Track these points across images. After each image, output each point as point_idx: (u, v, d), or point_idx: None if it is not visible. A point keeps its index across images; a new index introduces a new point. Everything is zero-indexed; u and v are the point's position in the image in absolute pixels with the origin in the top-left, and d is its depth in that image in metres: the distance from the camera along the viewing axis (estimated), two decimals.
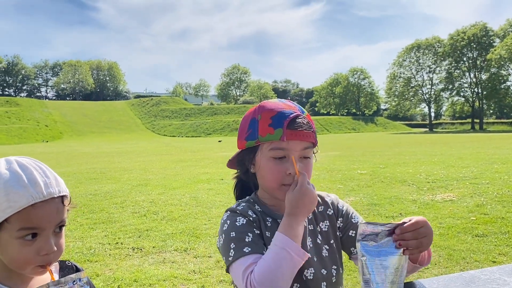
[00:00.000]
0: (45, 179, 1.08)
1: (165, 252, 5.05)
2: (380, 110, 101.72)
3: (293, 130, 1.31)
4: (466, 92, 71.23)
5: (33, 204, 1.04)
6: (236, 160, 1.48)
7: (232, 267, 1.26)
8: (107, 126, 65.75)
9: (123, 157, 20.50)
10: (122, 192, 9.29)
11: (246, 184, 1.52)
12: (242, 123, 1.45)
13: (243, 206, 1.40)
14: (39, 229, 1.06)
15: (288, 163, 1.33)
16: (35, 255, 1.05)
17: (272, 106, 1.37)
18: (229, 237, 1.30)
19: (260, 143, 1.35)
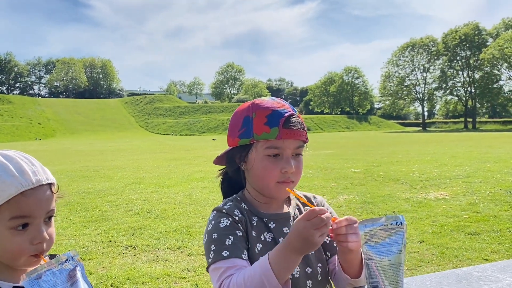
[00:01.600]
0: (32, 167, 1.08)
1: (158, 250, 5.03)
2: (374, 109, 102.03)
3: (288, 129, 1.33)
4: (459, 91, 71.63)
5: (23, 192, 1.03)
6: (226, 157, 1.47)
7: (210, 269, 1.28)
8: (100, 124, 65.47)
9: (117, 155, 20.42)
10: (116, 190, 9.25)
11: (234, 180, 1.51)
12: (233, 120, 1.45)
13: (229, 206, 1.40)
14: (30, 218, 1.05)
15: (282, 161, 1.34)
16: (29, 245, 1.05)
17: (266, 105, 1.38)
18: (211, 238, 1.32)
19: (255, 141, 1.35)
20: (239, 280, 1.18)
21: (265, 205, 1.43)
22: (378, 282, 1.05)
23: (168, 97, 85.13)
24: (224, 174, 1.55)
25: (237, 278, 1.19)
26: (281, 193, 1.41)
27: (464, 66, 68.81)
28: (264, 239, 1.36)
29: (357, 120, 73.94)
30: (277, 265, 1.14)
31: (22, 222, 1.04)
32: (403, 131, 59.04)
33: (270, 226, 1.39)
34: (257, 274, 1.16)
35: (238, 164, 1.43)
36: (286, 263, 1.15)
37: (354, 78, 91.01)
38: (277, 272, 1.14)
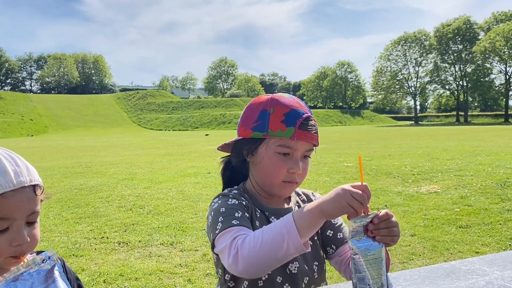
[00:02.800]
0: (15, 168, 1.05)
1: (151, 246, 5.03)
2: (367, 103, 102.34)
3: (303, 131, 1.32)
4: (451, 85, 72.02)
5: (2, 194, 1.01)
6: (233, 146, 1.46)
7: (218, 237, 1.24)
8: (92, 120, 65.15)
9: (109, 151, 20.34)
10: (108, 186, 9.22)
11: (236, 170, 1.50)
12: (248, 111, 1.42)
13: (235, 193, 1.40)
14: (10, 220, 1.03)
15: (291, 161, 1.33)
16: (8, 246, 1.03)
17: (286, 102, 1.36)
18: (219, 212, 1.29)
19: (268, 136, 1.34)
20: (257, 233, 1.15)
21: (267, 200, 1.43)
22: (365, 276, 1.06)
23: (160, 92, 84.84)
24: (226, 163, 1.53)
25: (254, 233, 1.16)
26: (284, 192, 1.41)
27: (456, 60, 69.17)
28: None
29: (350, 114, 74.13)
30: (300, 220, 1.13)
31: (1, 225, 1.01)
32: (395, 125, 59.30)
33: (271, 221, 1.39)
34: (278, 228, 1.14)
35: (245, 156, 1.42)
36: (310, 218, 1.13)
37: (347, 73, 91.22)
38: (299, 227, 1.12)
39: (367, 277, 1.05)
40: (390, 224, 1.11)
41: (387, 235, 1.10)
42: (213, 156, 15.20)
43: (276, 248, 1.12)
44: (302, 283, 1.36)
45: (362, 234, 1.08)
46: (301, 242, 1.11)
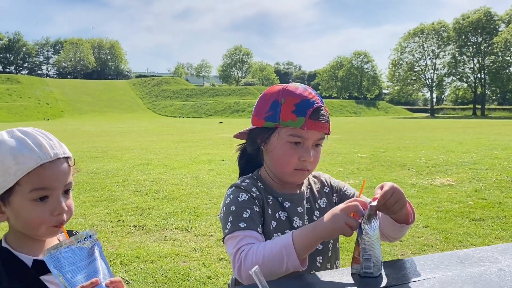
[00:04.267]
0: (49, 142, 1.14)
1: (166, 230, 5.13)
2: (382, 94, 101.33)
3: (314, 121, 1.36)
4: (468, 77, 70.90)
5: (42, 165, 1.09)
6: (248, 135, 1.51)
7: (226, 238, 1.34)
8: (108, 105, 65.65)
9: (124, 136, 20.55)
10: (124, 171, 9.36)
11: (252, 157, 1.56)
12: (261, 101, 1.47)
13: (247, 183, 1.45)
14: (49, 190, 1.11)
15: (302, 150, 1.38)
16: (49, 216, 1.11)
17: (297, 92, 1.40)
18: (229, 210, 1.37)
19: (279, 126, 1.38)
20: (259, 249, 1.23)
21: (280, 186, 1.48)
22: (371, 255, 1.16)
23: (175, 80, 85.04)
24: (243, 150, 1.59)
25: (257, 247, 1.24)
26: (296, 179, 1.46)
27: (475, 53, 67.99)
28: (278, 217, 1.42)
29: (365, 105, 73.54)
30: (299, 242, 1.21)
31: (41, 194, 1.10)
32: (411, 117, 58.72)
33: (285, 206, 1.45)
34: (278, 246, 1.22)
35: (259, 145, 1.47)
36: (308, 242, 1.21)
37: (363, 63, 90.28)
38: (298, 249, 1.20)
39: (373, 255, 1.16)
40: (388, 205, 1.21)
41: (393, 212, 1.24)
42: (227, 144, 15.28)
43: (275, 266, 1.21)
44: (317, 262, 1.42)
45: (371, 217, 1.19)
46: (299, 264, 1.21)
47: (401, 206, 1.24)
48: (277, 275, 1.22)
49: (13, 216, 1.13)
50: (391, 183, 1.23)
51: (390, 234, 1.42)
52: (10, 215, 1.13)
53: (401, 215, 1.32)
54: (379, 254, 1.18)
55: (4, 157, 1.08)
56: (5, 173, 1.08)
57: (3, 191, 1.10)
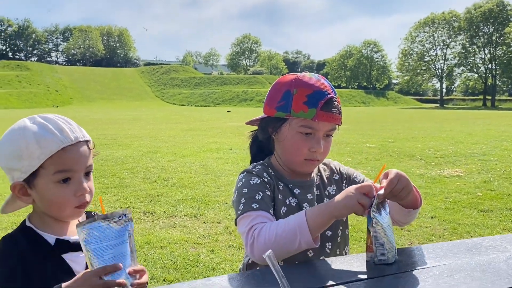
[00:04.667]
0: (69, 126, 1.20)
1: (175, 217, 5.19)
2: (391, 84, 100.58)
3: (325, 112, 1.36)
4: (479, 68, 70.11)
5: (63, 148, 1.15)
6: (259, 123, 1.53)
7: (239, 219, 1.36)
8: (116, 93, 65.82)
9: (133, 124, 20.64)
10: (133, 158, 9.43)
11: (263, 144, 1.58)
12: (273, 90, 1.47)
13: (259, 169, 1.48)
14: (71, 172, 1.17)
15: (313, 141, 1.39)
16: (72, 197, 1.17)
17: (309, 83, 1.40)
18: (242, 193, 1.39)
19: (291, 117, 1.39)
20: (272, 227, 1.25)
21: (291, 173, 1.50)
22: (383, 242, 1.18)
23: (184, 68, 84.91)
24: (254, 137, 1.61)
25: (270, 225, 1.27)
26: (306, 169, 1.48)
27: (486, 43, 67.13)
28: (289, 203, 1.44)
29: (374, 95, 73.03)
30: (312, 220, 1.23)
31: (64, 176, 1.15)
32: (420, 108, 58.31)
33: (295, 192, 1.47)
34: (291, 224, 1.24)
35: (270, 134, 1.49)
36: (321, 220, 1.23)
37: (373, 52, 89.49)
38: (311, 226, 1.22)
39: (386, 243, 1.18)
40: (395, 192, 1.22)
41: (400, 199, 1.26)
42: (235, 132, 15.31)
43: (288, 243, 1.23)
44: (326, 249, 1.44)
45: (379, 206, 1.20)
46: (313, 241, 1.23)
47: (408, 192, 1.26)
48: (290, 252, 1.24)
49: (38, 198, 1.18)
50: (395, 170, 1.25)
51: (399, 219, 1.44)
52: (36, 197, 1.19)
53: (409, 201, 1.33)
54: (392, 241, 1.19)
55: (28, 142, 1.14)
56: (29, 157, 1.13)
57: (28, 174, 1.15)
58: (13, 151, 1.16)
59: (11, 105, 46.60)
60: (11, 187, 1.18)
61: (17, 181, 1.17)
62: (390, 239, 1.19)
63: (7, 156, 1.17)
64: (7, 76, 58.90)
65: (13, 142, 1.17)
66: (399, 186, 1.22)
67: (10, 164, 1.17)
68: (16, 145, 1.15)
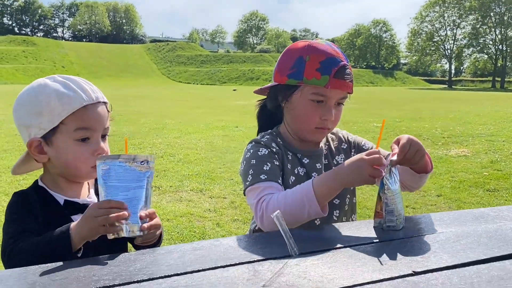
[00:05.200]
0: (90, 86, 1.21)
1: (181, 192, 5.23)
2: (400, 64, 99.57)
3: (338, 80, 1.34)
4: (489, 49, 69.10)
5: (85, 106, 1.16)
6: (269, 91, 1.51)
7: (248, 190, 1.36)
8: (123, 70, 65.67)
9: (139, 101, 20.64)
10: (140, 134, 9.47)
11: (272, 113, 1.55)
12: (285, 57, 1.44)
13: (267, 138, 1.47)
14: (91, 130, 1.18)
15: (324, 109, 1.37)
16: (90, 156, 1.18)
17: (322, 49, 1.37)
18: (250, 164, 1.38)
19: (303, 84, 1.37)
20: (280, 197, 1.25)
21: (299, 143, 1.49)
22: (393, 209, 1.18)
23: (190, 45, 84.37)
24: (262, 106, 1.58)
25: (278, 195, 1.26)
26: (316, 138, 1.47)
27: (497, 23, 66.00)
28: (297, 173, 1.44)
29: (382, 75, 72.34)
30: (320, 189, 1.22)
31: (84, 135, 1.17)
32: (428, 88, 57.78)
33: (304, 162, 1.46)
34: (299, 194, 1.23)
35: (280, 102, 1.46)
36: (328, 189, 1.22)
37: (382, 32, 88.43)
38: (319, 196, 1.21)
39: (395, 209, 1.18)
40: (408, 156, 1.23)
41: (413, 163, 1.26)
42: (241, 111, 15.28)
43: (297, 213, 1.23)
44: (333, 216, 1.45)
45: (391, 172, 1.20)
46: (320, 210, 1.22)
47: (421, 156, 1.26)
48: (299, 222, 1.25)
49: (55, 156, 1.19)
50: (407, 135, 1.25)
51: (410, 184, 1.44)
52: (52, 155, 1.19)
53: (421, 165, 1.33)
54: (401, 208, 1.19)
55: (49, 98, 1.15)
56: (50, 113, 1.14)
57: (48, 130, 1.16)
58: (33, 107, 1.16)
59: (17, 80, 46.65)
60: (28, 143, 1.18)
61: (35, 137, 1.17)
62: (399, 206, 1.19)
63: (26, 112, 1.18)
64: (13, 51, 58.85)
65: (33, 98, 1.17)
66: (412, 150, 1.22)
67: (29, 120, 1.17)
68: (36, 102, 1.16)
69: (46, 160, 1.21)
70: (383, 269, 0.92)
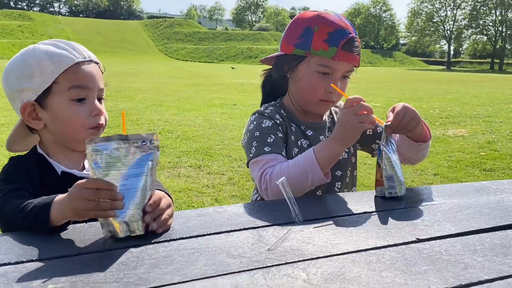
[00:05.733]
0: (81, 47, 1.18)
1: (180, 168, 5.23)
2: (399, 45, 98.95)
3: (346, 52, 1.33)
4: (489, 30, 68.67)
5: (78, 63, 1.12)
6: (275, 61, 1.49)
7: (251, 162, 1.35)
8: (120, 46, 65.05)
9: (136, 77, 20.49)
10: (137, 111, 9.43)
11: (277, 84, 1.53)
12: (292, 26, 1.42)
13: (270, 110, 1.45)
14: (86, 89, 1.13)
15: (330, 81, 1.35)
16: (87, 117, 1.13)
17: (331, 20, 1.35)
18: (253, 136, 1.37)
19: (310, 55, 1.35)
20: (282, 168, 1.25)
21: (303, 115, 1.48)
22: (393, 175, 1.19)
23: (188, 22, 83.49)
24: (267, 76, 1.56)
25: (280, 166, 1.26)
26: (320, 110, 1.46)
27: (498, 4, 65.42)
28: (300, 145, 1.43)
29: (381, 55, 72.01)
30: (321, 155, 1.22)
31: (79, 94, 1.12)
32: (426, 69, 57.59)
33: (307, 134, 1.45)
34: (301, 163, 1.24)
35: (285, 72, 1.44)
36: (329, 153, 1.22)
37: (382, 11, 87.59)
38: (321, 162, 1.21)
39: (395, 176, 1.19)
40: (403, 124, 1.23)
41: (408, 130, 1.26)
42: (239, 89, 15.21)
43: (300, 182, 1.23)
44: (335, 188, 1.45)
45: (387, 139, 1.22)
46: (324, 177, 1.22)
47: (416, 123, 1.26)
48: (303, 190, 1.25)
49: (51, 120, 1.13)
50: (402, 103, 1.26)
51: (410, 155, 1.43)
52: (48, 120, 1.14)
53: (418, 133, 1.33)
54: (400, 174, 1.20)
55: (40, 58, 1.11)
56: (42, 73, 1.10)
57: (41, 92, 1.11)
58: (24, 70, 1.12)
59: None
60: (21, 108, 1.12)
61: (28, 100, 1.12)
62: (399, 173, 1.20)
63: (16, 77, 1.13)
64: (9, 26, 58.09)
65: (22, 63, 1.14)
66: (406, 117, 1.23)
67: (20, 85, 1.12)
68: (26, 65, 1.12)
69: (41, 126, 1.15)
70: (387, 236, 0.93)
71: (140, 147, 0.90)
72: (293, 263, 0.79)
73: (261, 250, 0.84)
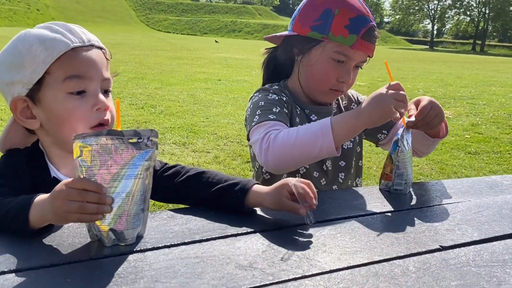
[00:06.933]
0: (80, 29, 1.00)
1: (164, 144, 5.10)
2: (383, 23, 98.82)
3: (365, 41, 1.24)
4: (472, 11, 69.00)
5: (74, 49, 0.94)
6: (283, 41, 1.37)
7: (254, 129, 1.22)
8: (100, 16, 63.35)
9: (117, 48, 19.99)
10: (119, 83, 9.18)
11: (280, 66, 1.43)
12: (310, 5, 1.29)
13: (275, 88, 1.36)
14: (85, 79, 0.95)
15: (344, 70, 1.26)
16: (89, 111, 0.96)
17: (353, 4, 1.24)
18: (258, 105, 1.26)
19: (327, 40, 1.24)
20: (291, 130, 1.14)
21: (308, 100, 1.39)
22: (403, 172, 1.13)
23: None
24: (271, 55, 1.44)
25: (289, 129, 1.15)
26: (327, 99, 1.37)
27: None
28: None
29: None
30: (338, 126, 1.10)
31: (77, 85, 0.95)
32: (410, 48, 57.76)
33: (312, 118, 1.36)
34: (314, 128, 1.13)
35: (295, 55, 1.33)
36: (347, 126, 1.11)
37: None
38: (335, 132, 1.09)
39: (405, 173, 1.13)
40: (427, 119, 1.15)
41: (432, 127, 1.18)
42: (223, 64, 14.98)
43: (308, 148, 1.11)
44: (339, 178, 1.37)
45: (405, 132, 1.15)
46: (334, 147, 1.10)
47: (440, 120, 1.18)
48: (308, 158, 1.15)
49: (46, 118, 0.97)
50: (428, 97, 1.17)
51: (421, 149, 1.37)
52: (42, 117, 0.97)
53: (436, 130, 1.26)
54: (410, 173, 1.14)
55: (30, 45, 0.93)
56: (32, 62, 0.93)
57: (32, 84, 0.94)
58: (14, 59, 0.95)
59: None
60: (12, 105, 0.96)
61: (19, 95, 0.95)
62: (409, 170, 1.14)
63: (7, 67, 0.96)
64: None
65: (13, 50, 0.96)
66: (432, 113, 1.14)
67: (10, 76, 0.95)
68: (17, 52, 0.94)
69: (37, 126, 0.98)
70: (408, 243, 0.86)
71: (136, 144, 0.78)
72: (312, 276, 0.71)
73: (273, 259, 0.76)
